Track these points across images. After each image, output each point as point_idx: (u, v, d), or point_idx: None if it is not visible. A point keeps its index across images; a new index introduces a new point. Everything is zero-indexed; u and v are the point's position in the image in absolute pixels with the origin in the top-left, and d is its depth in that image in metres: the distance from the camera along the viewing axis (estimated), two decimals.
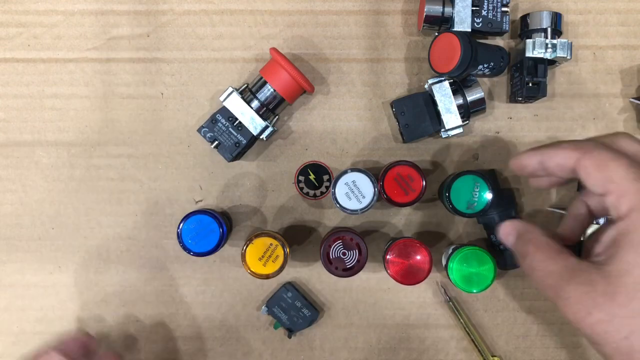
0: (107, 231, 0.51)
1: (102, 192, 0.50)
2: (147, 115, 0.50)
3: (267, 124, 0.47)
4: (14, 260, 0.51)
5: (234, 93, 0.46)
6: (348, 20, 0.50)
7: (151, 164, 0.50)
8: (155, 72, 0.50)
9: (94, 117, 0.50)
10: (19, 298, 0.51)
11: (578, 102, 0.50)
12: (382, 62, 0.50)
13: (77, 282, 0.51)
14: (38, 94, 0.50)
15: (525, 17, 0.48)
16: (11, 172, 0.50)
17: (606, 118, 0.50)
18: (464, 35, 0.44)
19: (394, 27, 0.50)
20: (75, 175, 0.50)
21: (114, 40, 0.50)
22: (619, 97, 0.50)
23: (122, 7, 0.50)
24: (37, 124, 0.50)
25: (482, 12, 0.46)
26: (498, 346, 0.51)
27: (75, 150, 0.50)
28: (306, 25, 0.50)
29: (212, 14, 0.50)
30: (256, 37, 0.50)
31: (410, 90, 0.50)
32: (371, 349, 0.51)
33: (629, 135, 0.32)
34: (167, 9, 0.50)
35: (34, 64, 0.50)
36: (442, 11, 0.46)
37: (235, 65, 0.50)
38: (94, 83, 0.50)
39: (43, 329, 0.51)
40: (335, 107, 0.50)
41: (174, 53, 0.50)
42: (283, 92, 0.46)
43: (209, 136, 0.47)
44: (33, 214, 0.51)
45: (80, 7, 0.50)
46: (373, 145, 0.50)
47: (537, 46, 0.46)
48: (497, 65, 0.47)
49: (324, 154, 0.50)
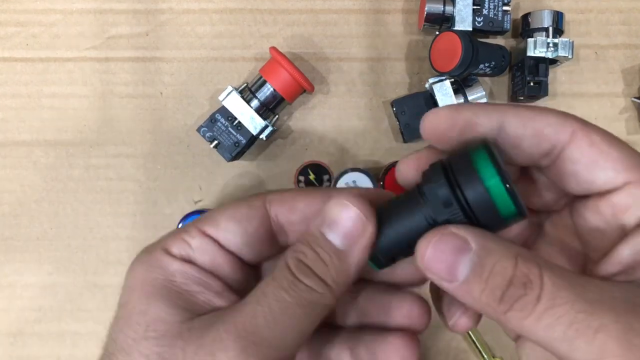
0: (106, 231, 0.50)
1: (101, 192, 0.50)
2: (146, 114, 0.50)
3: (266, 124, 0.46)
4: (12, 260, 0.50)
5: (234, 92, 0.46)
6: (348, 19, 0.50)
7: (150, 164, 0.50)
8: (155, 72, 0.50)
9: (92, 117, 0.50)
10: (17, 298, 0.51)
11: (579, 101, 0.50)
12: (382, 61, 0.50)
13: (75, 283, 0.50)
14: (36, 94, 0.50)
15: (527, 16, 0.48)
16: (9, 172, 0.50)
17: (608, 117, 0.50)
18: (465, 34, 0.44)
19: (394, 26, 0.50)
20: (73, 175, 0.50)
21: (113, 39, 0.50)
22: (620, 97, 0.50)
23: (121, 6, 0.50)
24: (35, 124, 0.50)
25: (483, 11, 0.46)
26: (500, 347, 0.51)
27: (73, 150, 0.50)
28: (306, 24, 0.50)
29: (211, 13, 0.50)
30: (256, 36, 0.50)
31: (410, 89, 0.50)
32: None
33: None
34: (166, 7, 0.50)
35: (32, 63, 0.50)
36: (443, 10, 0.46)
37: (234, 64, 0.50)
38: (93, 82, 0.50)
39: (42, 329, 0.51)
40: (336, 106, 0.50)
41: (173, 52, 0.50)
42: (283, 91, 0.46)
43: (208, 136, 0.47)
44: (31, 214, 0.50)
45: (78, 6, 0.50)
46: (373, 145, 0.50)
47: (538, 45, 0.46)
48: (499, 64, 0.47)
49: (324, 154, 0.50)
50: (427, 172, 0.23)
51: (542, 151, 0.23)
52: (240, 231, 0.25)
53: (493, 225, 0.22)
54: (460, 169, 0.22)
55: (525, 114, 0.23)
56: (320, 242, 0.24)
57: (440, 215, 0.22)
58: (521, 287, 0.20)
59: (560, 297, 0.20)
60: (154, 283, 0.24)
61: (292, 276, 0.23)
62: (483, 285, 0.20)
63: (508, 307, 0.20)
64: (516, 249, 0.21)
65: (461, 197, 0.21)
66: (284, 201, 0.26)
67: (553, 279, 0.20)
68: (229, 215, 0.26)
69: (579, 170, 0.23)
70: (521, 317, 0.20)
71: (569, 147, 0.23)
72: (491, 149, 0.22)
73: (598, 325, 0.19)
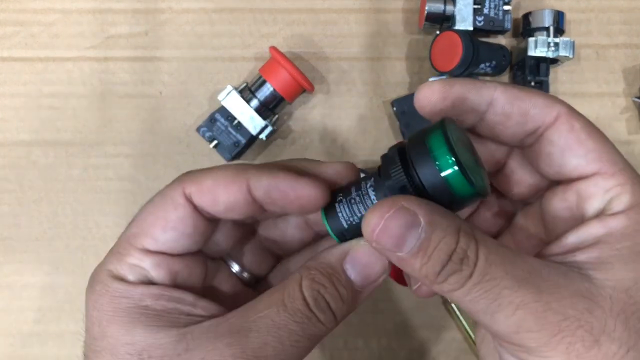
0: (105, 231, 0.50)
1: (100, 192, 0.50)
2: (146, 114, 0.50)
3: (266, 124, 0.46)
4: (11, 261, 0.50)
5: (233, 92, 0.46)
6: (348, 19, 0.50)
7: (149, 164, 0.50)
8: (154, 71, 0.50)
9: (92, 117, 0.50)
10: (16, 299, 0.50)
11: (580, 101, 0.50)
12: (382, 60, 0.50)
13: (75, 283, 0.50)
14: (35, 93, 0.50)
15: (527, 15, 0.47)
16: (8, 172, 0.50)
17: (609, 117, 0.49)
18: (465, 33, 0.44)
19: (394, 26, 0.50)
20: (73, 175, 0.50)
21: (112, 39, 0.50)
22: (621, 96, 0.50)
23: (120, 6, 0.50)
24: (34, 123, 0.50)
25: (484, 11, 0.46)
26: None
27: (73, 149, 0.50)
28: (306, 23, 0.50)
29: (211, 12, 0.50)
30: (255, 36, 0.50)
31: (411, 89, 0.50)
32: (371, 350, 0.51)
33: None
34: (166, 7, 0.50)
35: (31, 63, 0.50)
36: (444, 9, 0.46)
37: (234, 64, 0.50)
38: (92, 82, 0.50)
39: (41, 330, 0.51)
40: (336, 106, 0.50)
41: (172, 52, 0.50)
42: (283, 91, 0.46)
43: (207, 136, 0.47)
44: (31, 214, 0.50)
45: (77, 5, 0.50)
46: (373, 145, 0.50)
47: (539, 45, 0.46)
48: (499, 64, 0.47)
49: (324, 154, 0.50)
50: (387, 154, 0.24)
51: (527, 130, 0.24)
52: (177, 234, 0.25)
53: (450, 205, 0.22)
54: (415, 150, 0.22)
55: (514, 93, 0.24)
56: (342, 279, 0.24)
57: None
58: (458, 262, 0.21)
59: (489, 274, 0.21)
60: (128, 312, 0.24)
61: (308, 310, 0.23)
62: (426, 259, 0.21)
63: (443, 280, 0.21)
64: (459, 223, 0.22)
65: (417, 178, 0.22)
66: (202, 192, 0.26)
67: (487, 254, 0.21)
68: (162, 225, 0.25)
69: (553, 153, 0.24)
70: (452, 289, 0.21)
71: (549, 129, 0.24)
72: (447, 130, 0.22)
73: (519, 302, 0.20)
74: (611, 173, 0.23)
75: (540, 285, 0.21)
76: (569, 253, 0.23)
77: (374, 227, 0.22)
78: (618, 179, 0.23)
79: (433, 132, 0.22)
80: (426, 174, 0.22)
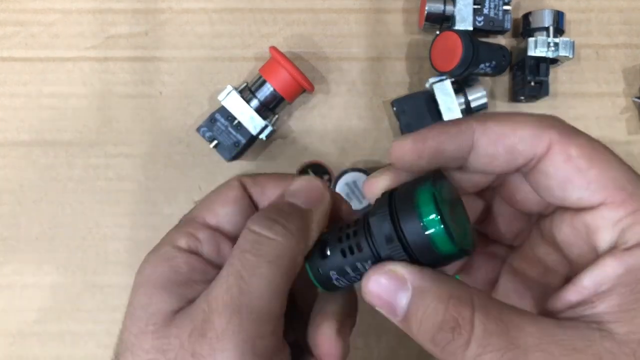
0: (105, 232, 0.50)
1: (100, 192, 0.50)
2: (146, 114, 0.50)
3: (266, 124, 0.46)
4: (11, 261, 0.50)
5: (233, 92, 0.46)
6: (348, 19, 0.50)
7: (149, 164, 0.50)
8: (154, 71, 0.50)
9: (92, 117, 0.50)
10: (16, 299, 0.50)
11: (580, 101, 0.50)
12: (382, 60, 0.50)
13: (75, 283, 0.50)
14: (35, 93, 0.50)
15: (527, 15, 0.47)
16: (8, 172, 0.50)
17: (609, 117, 0.49)
18: (465, 33, 0.44)
19: (394, 26, 0.50)
20: (73, 175, 0.50)
21: (112, 39, 0.50)
22: (621, 96, 0.50)
23: (120, 6, 0.50)
24: (34, 123, 0.50)
25: (484, 11, 0.46)
26: None
27: (73, 149, 0.50)
28: (306, 23, 0.50)
29: (211, 12, 0.50)
30: (255, 36, 0.50)
31: (411, 89, 0.50)
32: (371, 350, 0.51)
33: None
34: (166, 7, 0.50)
35: (31, 63, 0.50)
36: (444, 9, 0.46)
37: (234, 64, 0.50)
38: (92, 82, 0.50)
39: (41, 329, 0.51)
40: (336, 106, 0.50)
41: (172, 52, 0.50)
42: (283, 91, 0.46)
43: (207, 136, 0.47)
44: (31, 214, 0.50)
45: (78, 5, 0.50)
46: (373, 145, 0.50)
47: (539, 45, 0.46)
48: (499, 64, 0.47)
49: (324, 154, 0.50)
50: (376, 202, 0.23)
51: (519, 165, 0.22)
52: (234, 210, 0.26)
53: (434, 262, 0.22)
54: (402, 205, 0.22)
55: (495, 131, 0.22)
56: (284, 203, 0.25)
57: (382, 250, 0.22)
58: (449, 331, 0.20)
59: (490, 345, 0.19)
60: (160, 276, 0.24)
61: (254, 234, 0.23)
62: (418, 325, 0.21)
63: (440, 350, 0.20)
64: (450, 290, 0.21)
65: (401, 234, 0.21)
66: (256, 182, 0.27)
67: (485, 323, 0.20)
68: (222, 201, 0.26)
69: (552, 186, 0.22)
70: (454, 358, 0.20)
71: (543, 161, 0.22)
72: (435, 185, 0.21)
73: None
74: (619, 202, 0.20)
75: (554, 352, 0.19)
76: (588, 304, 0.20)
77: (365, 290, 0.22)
78: (627, 207, 0.20)
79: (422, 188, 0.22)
80: (411, 233, 0.21)
